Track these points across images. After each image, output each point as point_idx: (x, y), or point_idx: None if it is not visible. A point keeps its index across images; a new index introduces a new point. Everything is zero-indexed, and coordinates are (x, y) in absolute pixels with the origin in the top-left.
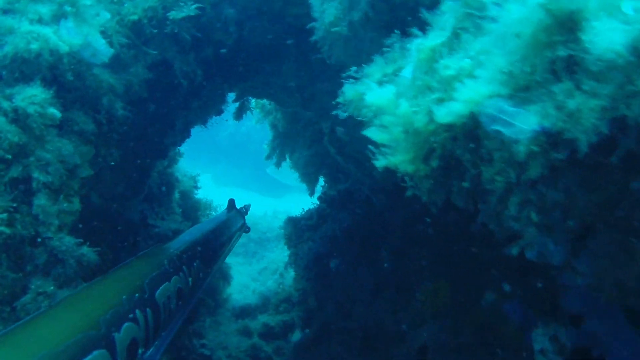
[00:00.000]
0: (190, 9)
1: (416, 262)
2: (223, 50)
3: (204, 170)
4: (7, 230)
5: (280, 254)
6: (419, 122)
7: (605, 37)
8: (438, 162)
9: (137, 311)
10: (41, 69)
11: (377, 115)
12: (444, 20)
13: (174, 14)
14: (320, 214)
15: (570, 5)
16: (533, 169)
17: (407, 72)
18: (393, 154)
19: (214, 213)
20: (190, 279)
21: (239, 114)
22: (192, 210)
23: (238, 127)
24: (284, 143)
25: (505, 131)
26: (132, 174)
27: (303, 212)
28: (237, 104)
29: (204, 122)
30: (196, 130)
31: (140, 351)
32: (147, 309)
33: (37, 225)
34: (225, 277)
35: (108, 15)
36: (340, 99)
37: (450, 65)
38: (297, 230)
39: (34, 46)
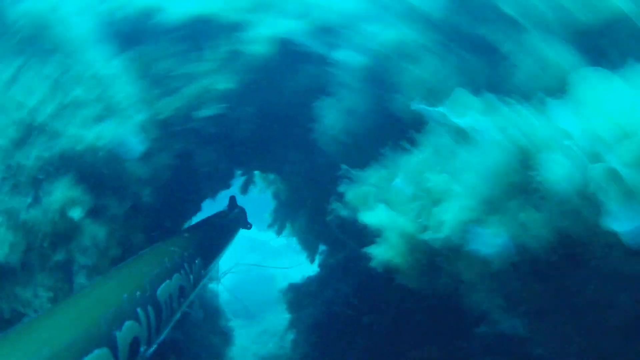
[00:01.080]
0: (212, 109)
1: (406, 335)
2: (237, 143)
3: None
4: None
5: (279, 316)
6: (414, 231)
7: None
8: (423, 261)
9: (139, 309)
10: (84, 165)
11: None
12: (428, 138)
13: (196, 114)
14: (320, 281)
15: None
16: (497, 266)
17: (398, 182)
18: (387, 251)
19: None
20: (191, 276)
21: (245, 188)
22: None
23: None
24: (286, 212)
25: (481, 250)
26: None
27: (304, 279)
28: (243, 177)
29: (213, 196)
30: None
31: (142, 349)
32: (149, 307)
33: None
34: (227, 339)
35: (141, 116)
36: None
37: (431, 178)
38: (298, 296)
39: (79, 147)
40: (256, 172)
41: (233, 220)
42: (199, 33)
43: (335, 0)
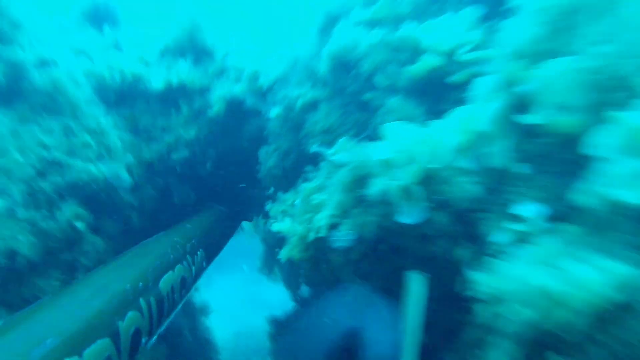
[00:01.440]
0: (184, 152)
1: None
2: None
3: None
4: None
5: None
6: (304, 234)
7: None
8: (313, 255)
9: (141, 300)
10: (87, 191)
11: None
12: (319, 174)
13: (173, 155)
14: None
15: (363, 171)
16: (354, 254)
17: (298, 202)
18: (290, 249)
19: None
20: (193, 268)
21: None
22: None
23: None
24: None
25: (342, 244)
26: None
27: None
28: None
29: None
30: None
31: (144, 339)
32: (151, 298)
33: None
34: None
35: (131, 157)
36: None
37: (316, 198)
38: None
39: (84, 177)
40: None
41: (235, 212)
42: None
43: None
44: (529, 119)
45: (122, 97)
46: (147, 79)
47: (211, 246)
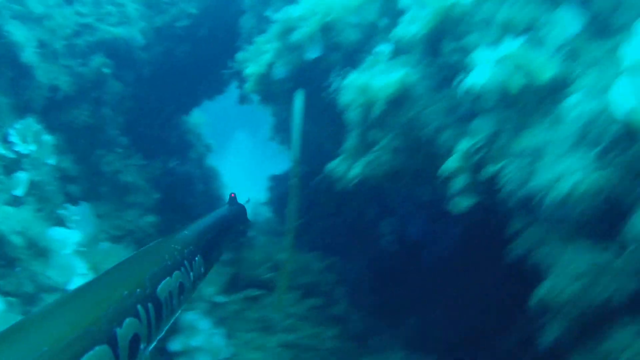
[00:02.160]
0: (185, 21)
1: None
2: None
3: None
4: None
5: None
6: (258, 72)
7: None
8: (262, 87)
9: (139, 306)
10: (111, 47)
11: None
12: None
13: (177, 23)
14: None
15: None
16: None
17: (255, 48)
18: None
19: None
20: (192, 274)
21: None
22: None
23: None
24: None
25: (275, 77)
26: None
27: None
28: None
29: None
30: None
31: (142, 346)
32: (149, 304)
33: None
34: None
35: (144, 24)
36: None
37: (266, 47)
38: None
39: (109, 36)
40: None
41: (233, 217)
42: None
43: None
44: None
45: None
46: None
47: (209, 253)
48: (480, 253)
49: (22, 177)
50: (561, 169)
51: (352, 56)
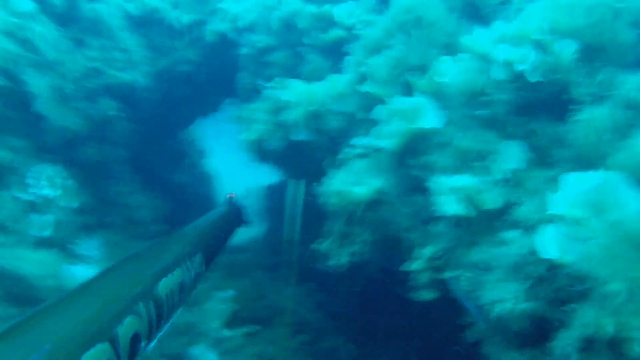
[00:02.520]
0: (185, 67)
1: None
2: None
3: None
4: None
5: None
6: (255, 138)
7: (284, 116)
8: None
9: (140, 304)
10: (116, 90)
11: None
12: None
13: (177, 67)
14: None
15: (278, 105)
16: None
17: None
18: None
19: None
20: (192, 272)
21: None
22: None
23: None
24: None
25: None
26: None
27: None
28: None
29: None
30: None
31: (142, 344)
32: (150, 302)
33: None
34: None
35: (147, 67)
36: None
37: (257, 117)
38: None
39: (114, 80)
40: None
41: (231, 217)
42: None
43: (246, 15)
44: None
45: (143, 23)
46: (161, 11)
47: (209, 250)
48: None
49: (45, 219)
50: (499, 293)
51: (336, 140)
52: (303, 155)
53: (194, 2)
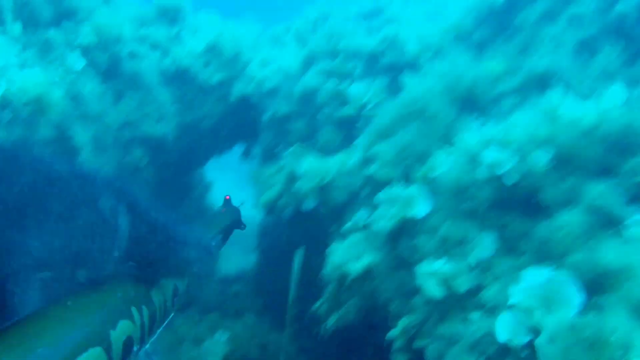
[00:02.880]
0: (211, 121)
1: None
2: None
3: None
4: None
5: None
6: (270, 200)
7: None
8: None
9: (133, 308)
10: (148, 140)
11: None
12: (278, 163)
13: (203, 122)
14: None
15: (292, 175)
16: None
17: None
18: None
19: None
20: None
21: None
22: None
23: None
24: None
25: (283, 216)
26: None
27: None
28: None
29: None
30: None
31: (135, 348)
32: (143, 306)
33: None
34: None
35: (177, 120)
36: None
37: (274, 179)
38: None
39: (147, 132)
40: None
41: (228, 220)
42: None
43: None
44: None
45: (177, 80)
46: (192, 70)
47: (204, 254)
48: None
49: None
50: None
51: (339, 212)
52: (309, 221)
53: (223, 63)
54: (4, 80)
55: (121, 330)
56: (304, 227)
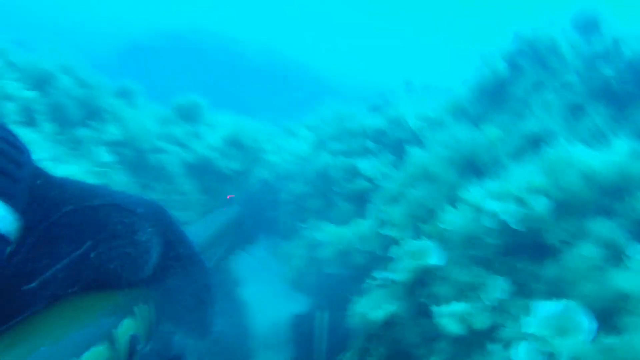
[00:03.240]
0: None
1: None
2: None
3: None
4: None
5: None
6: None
7: (321, 252)
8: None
9: (137, 306)
10: None
11: None
12: (300, 237)
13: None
14: None
15: (316, 242)
16: None
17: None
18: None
19: None
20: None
21: None
22: None
23: None
24: None
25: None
26: None
27: None
28: None
29: None
30: None
31: (139, 347)
32: (147, 304)
33: None
34: None
35: (201, 208)
36: None
37: (294, 252)
38: None
39: None
40: None
41: (232, 219)
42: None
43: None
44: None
45: (199, 170)
46: (213, 160)
47: (208, 254)
48: None
49: None
50: None
51: (360, 273)
52: (332, 285)
53: (239, 153)
54: None
55: (126, 328)
56: (327, 292)
